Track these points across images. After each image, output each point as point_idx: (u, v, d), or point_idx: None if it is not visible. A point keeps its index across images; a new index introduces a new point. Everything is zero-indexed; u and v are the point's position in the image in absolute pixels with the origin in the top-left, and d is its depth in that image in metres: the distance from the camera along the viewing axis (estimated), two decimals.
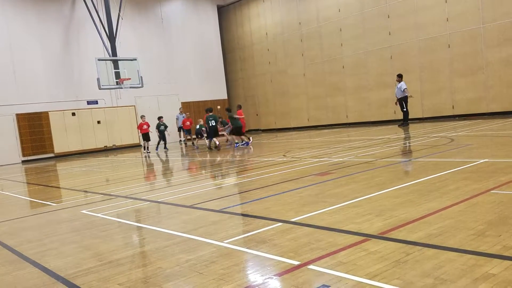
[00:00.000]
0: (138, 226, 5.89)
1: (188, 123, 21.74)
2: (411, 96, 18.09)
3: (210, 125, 17.67)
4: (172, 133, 22.91)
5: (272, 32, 27.61)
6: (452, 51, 19.35)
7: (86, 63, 23.86)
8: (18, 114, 22.42)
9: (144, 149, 20.06)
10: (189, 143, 22.39)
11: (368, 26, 22.23)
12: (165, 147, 20.72)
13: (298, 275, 3.39)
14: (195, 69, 28.74)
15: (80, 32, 24.44)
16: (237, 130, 17.57)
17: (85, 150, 24.21)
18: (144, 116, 20.44)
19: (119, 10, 23.06)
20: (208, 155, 15.71)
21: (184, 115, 22.82)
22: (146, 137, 19.87)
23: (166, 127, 20.46)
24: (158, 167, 14.48)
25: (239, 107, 19.12)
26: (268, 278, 3.40)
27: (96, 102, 24.79)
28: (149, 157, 18.14)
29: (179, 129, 22.96)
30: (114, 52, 22.41)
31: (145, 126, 19.84)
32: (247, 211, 5.95)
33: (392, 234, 4.14)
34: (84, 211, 7.23)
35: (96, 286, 3.67)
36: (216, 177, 9.98)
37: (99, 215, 6.76)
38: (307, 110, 26.21)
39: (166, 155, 18.21)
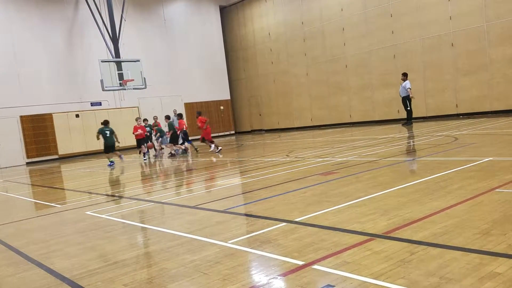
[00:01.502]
0: (142, 227, 5.90)
1: (140, 131, 17.78)
2: (412, 97, 17.98)
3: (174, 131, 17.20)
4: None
5: (274, 32, 27.61)
6: (456, 49, 19.30)
7: (90, 64, 23.95)
8: (22, 116, 22.51)
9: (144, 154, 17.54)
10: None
11: (371, 25, 22.20)
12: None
13: (302, 275, 3.39)
14: (198, 69, 28.79)
15: (84, 34, 24.53)
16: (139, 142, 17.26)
17: (89, 151, 24.28)
18: (139, 118, 18.70)
19: (122, 12, 23.13)
20: (211, 156, 15.71)
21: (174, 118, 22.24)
22: (141, 141, 17.68)
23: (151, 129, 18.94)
24: (160, 168, 14.51)
25: (180, 116, 18.19)
26: (273, 278, 3.40)
27: (100, 104, 24.87)
28: (149, 158, 17.40)
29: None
30: (117, 54, 22.49)
31: (139, 131, 17.58)
32: (251, 211, 5.95)
33: (397, 234, 4.13)
34: (88, 212, 7.25)
35: (101, 287, 3.68)
36: (220, 178, 9.99)
37: (103, 216, 6.78)
38: (310, 110, 26.20)
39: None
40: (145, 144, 17.72)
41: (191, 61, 28.49)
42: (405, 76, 17.99)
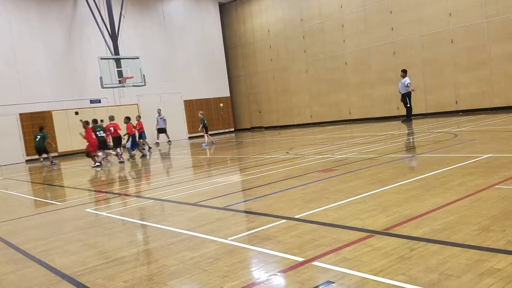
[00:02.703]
0: (142, 224, 5.90)
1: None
2: (413, 90, 18.02)
3: (99, 135, 16.25)
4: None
5: (274, 29, 27.56)
6: (455, 46, 19.27)
7: (89, 62, 23.91)
8: (22, 114, 22.49)
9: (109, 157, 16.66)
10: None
11: (371, 22, 22.16)
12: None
13: (302, 271, 3.39)
14: (198, 67, 28.74)
15: (83, 31, 24.48)
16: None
17: None
18: (112, 117, 17.05)
19: (121, 9, 23.07)
20: (207, 153, 15.70)
21: (162, 116, 22.46)
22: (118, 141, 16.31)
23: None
24: (159, 165, 14.50)
25: (128, 119, 17.03)
26: (273, 274, 3.41)
27: (99, 101, 24.83)
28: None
29: (159, 130, 22.84)
30: (116, 51, 22.44)
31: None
32: (251, 208, 5.96)
33: (396, 230, 4.13)
34: (88, 210, 7.25)
35: (101, 284, 3.68)
36: (219, 175, 9.98)
37: (103, 213, 6.78)
38: (310, 107, 26.18)
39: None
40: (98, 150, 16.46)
41: (191, 58, 28.44)
42: (404, 72, 17.98)
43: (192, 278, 3.56)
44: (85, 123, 15.89)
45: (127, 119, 17.14)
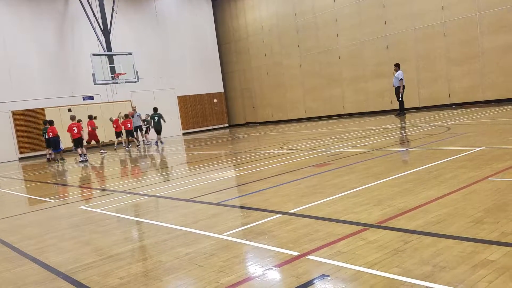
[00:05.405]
0: (137, 221, 5.89)
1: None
2: (400, 87, 17.99)
3: (45, 137, 17.95)
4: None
5: (267, 24, 27.49)
6: (448, 39, 19.32)
7: (81, 58, 23.75)
8: (14, 111, 22.32)
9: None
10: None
11: (364, 16, 22.16)
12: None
13: (297, 265, 3.41)
14: (191, 62, 28.64)
15: (74, 27, 24.30)
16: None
17: None
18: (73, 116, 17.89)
19: (113, 5, 22.91)
20: (203, 150, 15.67)
21: (138, 113, 21.59)
22: (78, 142, 16.82)
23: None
24: (154, 161, 14.47)
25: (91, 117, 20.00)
26: (268, 269, 3.42)
27: (92, 98, 24.70)
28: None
29: (135, 129, 21.51)
30: (109, 47, 22.29)
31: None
32: (245, 204, 5.96)
33: (391, 223, 4.16)
34: (82, 207, 7.23)
35: (96, 281, 3.68)
36: (214, 171, 9.98)
37: (97, 210, 6.76)
38: (304, 101, 26.18)
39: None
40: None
41: (184, 54, 28.33)
42: (397, 66, 18.02)
43: (188, 274, 3.56)
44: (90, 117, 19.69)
45: (125, 118, 20.13)
